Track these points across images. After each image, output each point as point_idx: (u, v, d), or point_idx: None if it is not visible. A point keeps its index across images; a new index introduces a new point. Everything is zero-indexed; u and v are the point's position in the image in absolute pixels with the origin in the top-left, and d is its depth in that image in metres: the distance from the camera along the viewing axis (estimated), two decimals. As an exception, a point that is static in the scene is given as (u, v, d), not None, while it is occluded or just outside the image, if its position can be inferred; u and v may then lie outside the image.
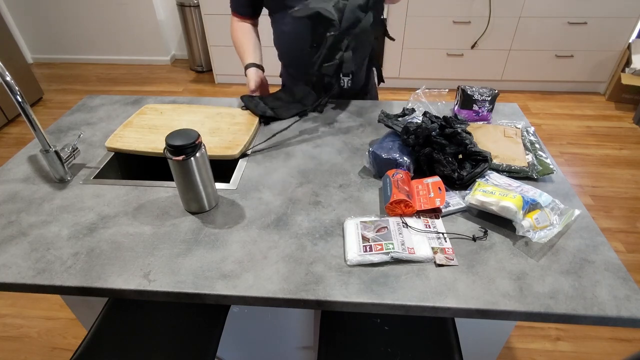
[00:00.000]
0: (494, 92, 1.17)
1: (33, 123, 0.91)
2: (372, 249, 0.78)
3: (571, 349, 1.51)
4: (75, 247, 0.82)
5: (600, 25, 2.89)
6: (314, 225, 0.87)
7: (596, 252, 0.79)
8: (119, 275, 0.76)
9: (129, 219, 0.89)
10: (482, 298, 0.71)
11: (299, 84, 1.32)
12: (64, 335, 1.61)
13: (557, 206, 0.86)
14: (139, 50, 3.89)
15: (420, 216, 0.87)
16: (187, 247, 0.82)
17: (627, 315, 0.68)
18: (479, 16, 2.93)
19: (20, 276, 0.77)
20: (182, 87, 3.51)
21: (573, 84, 3.24)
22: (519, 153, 1.02)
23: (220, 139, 1.12)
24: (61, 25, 3.78)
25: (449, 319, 0.93)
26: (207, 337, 0.90)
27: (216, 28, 3.17)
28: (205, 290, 0.73)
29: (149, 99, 1.39)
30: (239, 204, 0.93)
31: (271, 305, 0.73)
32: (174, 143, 0.79)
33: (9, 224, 0.89)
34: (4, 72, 0.84)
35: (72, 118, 1.29)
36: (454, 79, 3.25)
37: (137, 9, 3.61)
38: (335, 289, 0.73)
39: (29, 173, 1.05)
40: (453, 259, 0.78)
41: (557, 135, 2.75)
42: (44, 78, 3.71)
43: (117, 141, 1.13)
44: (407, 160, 0.96)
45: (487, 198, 0.84)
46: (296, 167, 1.05)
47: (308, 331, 1.15)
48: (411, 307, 0.71)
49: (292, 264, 0.78)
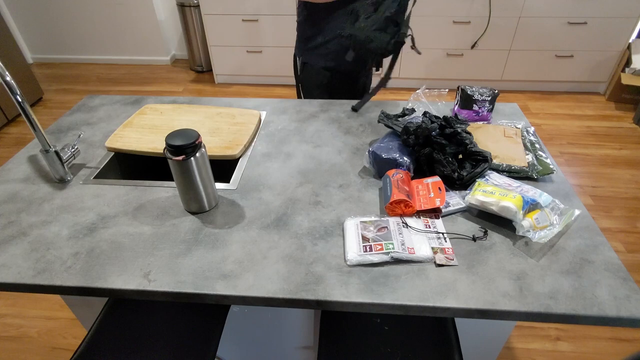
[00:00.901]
0: (494, 92, 1.17)
1: (33, 123, 0.91)
2: (372, 249, 0.78)
3: (571, 349, 1.51)
4: (75, 247, 0.82)
5: (600, 25, 2.89)
6: (314, 225, 0.87)
7: (596, 252, 0.79)
8: (119, 275, 0.76)
9: (129, 219, 0.89)
10: (482, 298, 0.71)
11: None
12: (64, 335, 1.61)
13: (557, 206, 0.86)
14: (139, 50, 3.89)
15: (420, 216, 0.87)
16: (187, 247, 0.82)
17: (627, 315, 0.68)
18: (479, 16, 2.93)
19: (20, 276, 0.77)
20: (182, 87, 3.51)
21: (573, 84, 3.24)
22: (519, 153, 1.02)
23: (220, 139, 1.12)
24: (61, 25, 3.78)
25: (449, 319, 0.93)
26: (207, 337, 0.90)
27: (216, 28, 3.17)
28: (205, 290, 0.73)
29: (149, 99, 1.39)
30: (239, 204, 0.93)
31: (271, 305, 0.73)
32: (174, 143, 0.79)
33: (9, 224, 0.89)
34: (4, 72, 0.84)
35: (72, 118, 1.29)
36: (454, 79, 3.25)
37: (137, 9, 3.61)
38: (335, 289, 0.73)
39: (29, 173, 1.05)
40: (453, 259, 0.78)
41: (557, 135, 2.75)
42: (44, 78, 3.71)
43: (117, 141, 1.13)
44: (407, 160, 0.96)
45: (487, 198, 0.84)
46: (296, 167, 1.05)
47: (308, 331, 1.15)
48: (411, 307, 0.71)
49: (292, 264, 0.78)
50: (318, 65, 1.44)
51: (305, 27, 1.40)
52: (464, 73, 3.22)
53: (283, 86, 3.45)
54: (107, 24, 3.73)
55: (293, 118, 1.27)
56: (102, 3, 3.61)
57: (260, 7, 3.01)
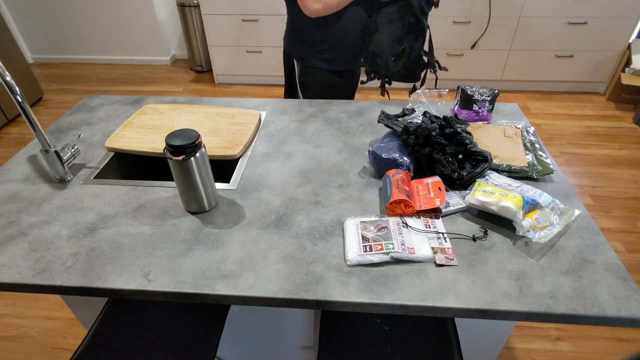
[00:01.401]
0: (494, 92, 1.17)
1: (33, 123, 0.91)
2: (372, 249, 0.78)
3: (571, 349, 1.51)
4: (75, 247, 0.82)
5: (600, 25, 2.89)
6: (314, 225, 0.87)
7: (596, 252, 0.79)
8: (119, 275, 0.76)
9: (129, 219, 0.89)
10: (482, 298, 0.71)
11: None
12: (64, 335, 1.61)
13: (557, 206, 0.86)
14: (139, 50, 3.89)
15: (420, 216, 0.87)
16: (187, 247, 0.82)
17: (627, 315, 0.68)
18: (478, 16, 2.93)
19: (20, 276, 0.77)
20: (182, 87, 3.51)
21: (573, 84, 3.24)
22: (519, 153, 1.02)
23: (220, 139, 1.12)
24: (61, 25, 3.78)
25: (449, 319, 0.93)
26: (207, 337, 0.90)
27: (216, 28, 3.17)
28: (205, 290, 0.73)
29: (149, 99, 1.39)
30: (239, 204, 0.93)
31: (271, 305, 0.73)
32: (174, 143, 0.79)
33: (9, 224, 0.89)
34: (4, 72, 0.84)
35: (72, 118, 1.29)
36: (454, 79, 3.25)
37: (137, 9, 3.61)
38: (335, 289, 0.73)
39: (29, 173, 1.05)
40: (453, 259, 0.78)
41: (557, 135, 2.75)
42: (44, 78, 3.71)
43: (117, 141, 1.13)
44: (407, 160, 0.96)
45: (487, 198, 0.84)
46: (296, 167, 1.05)
47: (308, 331, 1.15)
48: (411, 307, 0.71)
49: (292, 264, 0.78)
50: (323, 67, 1.47)
51: (311, 31, 1.41)
52: (464, 73, 3.22)
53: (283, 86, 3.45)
54: (107, 24, 3.73)
55: (293, 118, 1.27)
56: (102, 3, 3.61)
57: (260, 7, 3.01)
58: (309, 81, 1.52)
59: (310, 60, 1.47)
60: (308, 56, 1.46)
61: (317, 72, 1.49)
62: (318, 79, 1.50)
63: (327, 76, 1.49)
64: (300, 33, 1.45)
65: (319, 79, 1.50)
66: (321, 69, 1.47)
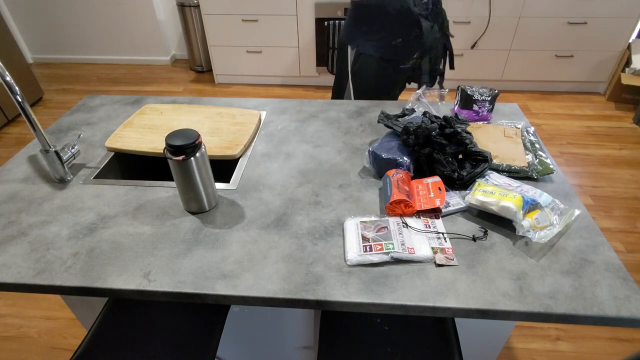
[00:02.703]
0: (494, 92, 1.17)
1: (33, 123, 0.91)
2: (372, 249, 0.78)
3: (571, 349, 1.51)
4: (75, 247, 0.82)
5: (600, 25, 2.89)
6: (314, 225, 0.87)
7: (596, 252, 0.79)
8: (119, 275, 0.76)
9: (129, 219, 0.89)
10: (482, 298, 0.71)
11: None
12: (64, 335, 1.61)
13: (557, 206, 0.86)
14: (139, 50, 3.89)
15: (420, 216, 0.87)
16: (187, 247, 0.82)
17: (627, 315, 0.68)
18: (478, 16, 2.92)
19: (20, 276, 0.77)
20: (182, 87, 3.51)
21: (573, 84, 3.24)
22: (519, 153, 1.02)
23: (220, 139, 1.12)
24: (61, 25, 3.78)
25: (449, 319, 0.93)
26: (207, 337, 0.90)
27: (216, 28, 3.17)
28: (205, 290, 0.73)
29: (149, 99, 1.39)
30: (239, 204, 0.93)
31: (271, 305, 0.73)
32: (174, 143, 0.79)
33: (9, 224, 0.89)
34: (4, 72, 0.84)
35: (72, 118, 1.29)
36: (454, 79, 3.25)
37: (137, 9, 3.61)
38: (335, 289, 0.73)
39: (29, 173, 1.05)
40: (453, 259, 0.78)
41: (557, 135, 2.75)
42: (44, 78, 3.71)
43: (117, 141, 1.13)
44: (407, 160, 0.96)
45: (487, 198, 0.84)
46: (296, 167, 1.05)
47: (308, 331, 1.15)
48: (411, 307, 0.71)
49: (292, 264, 0.78)
50: (376, 55, 1.54)
51: (362, 24, 1.52)
52: (464, 73, 3.22)
53: (283, 86, 3.45)
54: (107, 24, 3.73)
55: (293, 118, 1.27)
56: (102, 3, 3.60)
57: (260, 7, 3.01)
58: (361, 69, 1.59)
59: (363, 47, 1.54)
60: (362, 43, 1.54)
61: (369, 60, 1.54)
62: (370, 66, 1.56)
63: (378, 64, 1.54)
64: (357, 21, 1.53)
65: (371, 66, 1.56)
66: (373, 57, 1.53)
